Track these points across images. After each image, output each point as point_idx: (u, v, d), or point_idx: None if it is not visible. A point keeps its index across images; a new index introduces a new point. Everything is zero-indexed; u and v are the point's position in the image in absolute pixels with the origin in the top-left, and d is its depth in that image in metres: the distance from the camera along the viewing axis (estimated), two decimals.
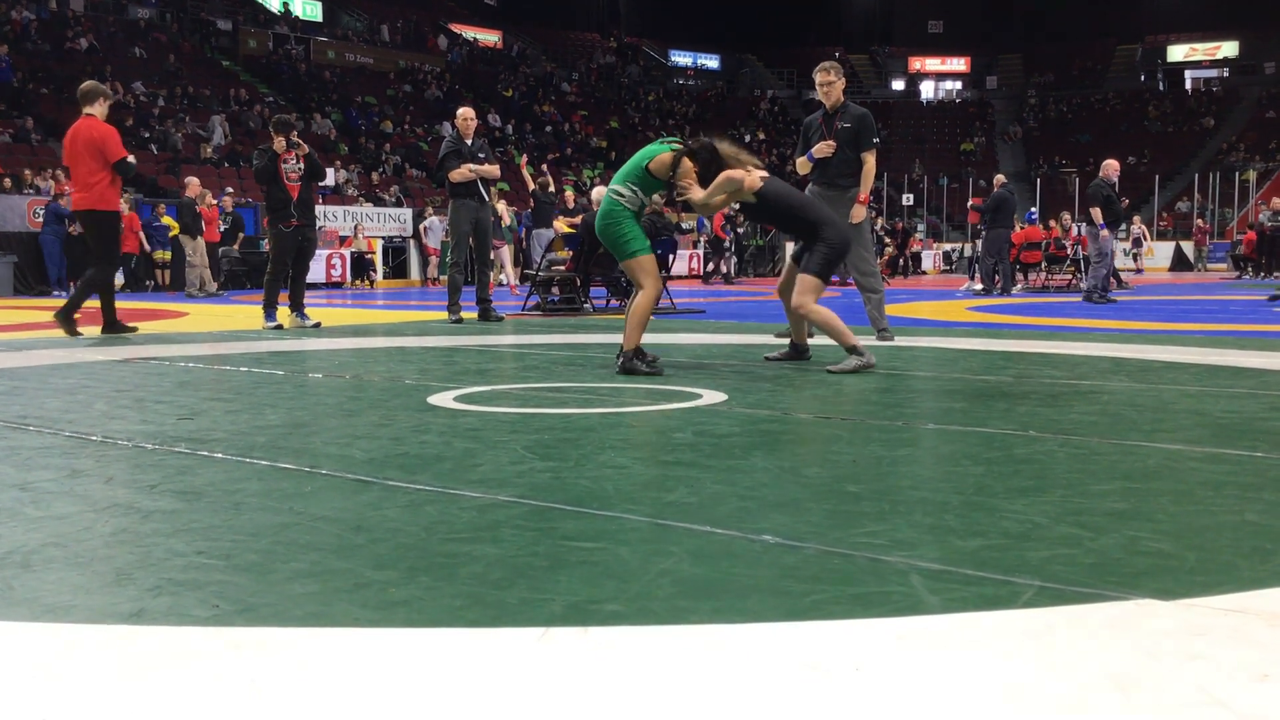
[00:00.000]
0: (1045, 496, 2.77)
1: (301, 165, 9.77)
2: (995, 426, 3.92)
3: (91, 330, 9.08)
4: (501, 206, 20.36)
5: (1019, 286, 18.85)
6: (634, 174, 5.89)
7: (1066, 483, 2.95)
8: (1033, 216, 21.39)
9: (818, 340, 7.09)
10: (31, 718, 1.49)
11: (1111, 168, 14.72)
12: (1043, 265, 20.06)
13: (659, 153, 5.87)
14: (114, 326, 9.10)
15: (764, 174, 6.07)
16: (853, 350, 5.82)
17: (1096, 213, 14.18)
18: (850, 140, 7.59)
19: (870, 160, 7.61)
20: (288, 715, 1.49)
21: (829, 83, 7.71)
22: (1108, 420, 4.06)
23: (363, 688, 1.57)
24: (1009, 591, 1.99)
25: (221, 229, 19.33)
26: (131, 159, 9.21)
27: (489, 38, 47.80)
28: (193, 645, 1.76)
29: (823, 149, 7.59)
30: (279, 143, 9.67)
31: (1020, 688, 1.56)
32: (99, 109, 8.98)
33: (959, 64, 57.51)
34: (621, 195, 5.86)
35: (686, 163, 5.85)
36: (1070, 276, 20.47)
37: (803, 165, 7.78)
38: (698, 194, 5.88)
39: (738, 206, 6.51)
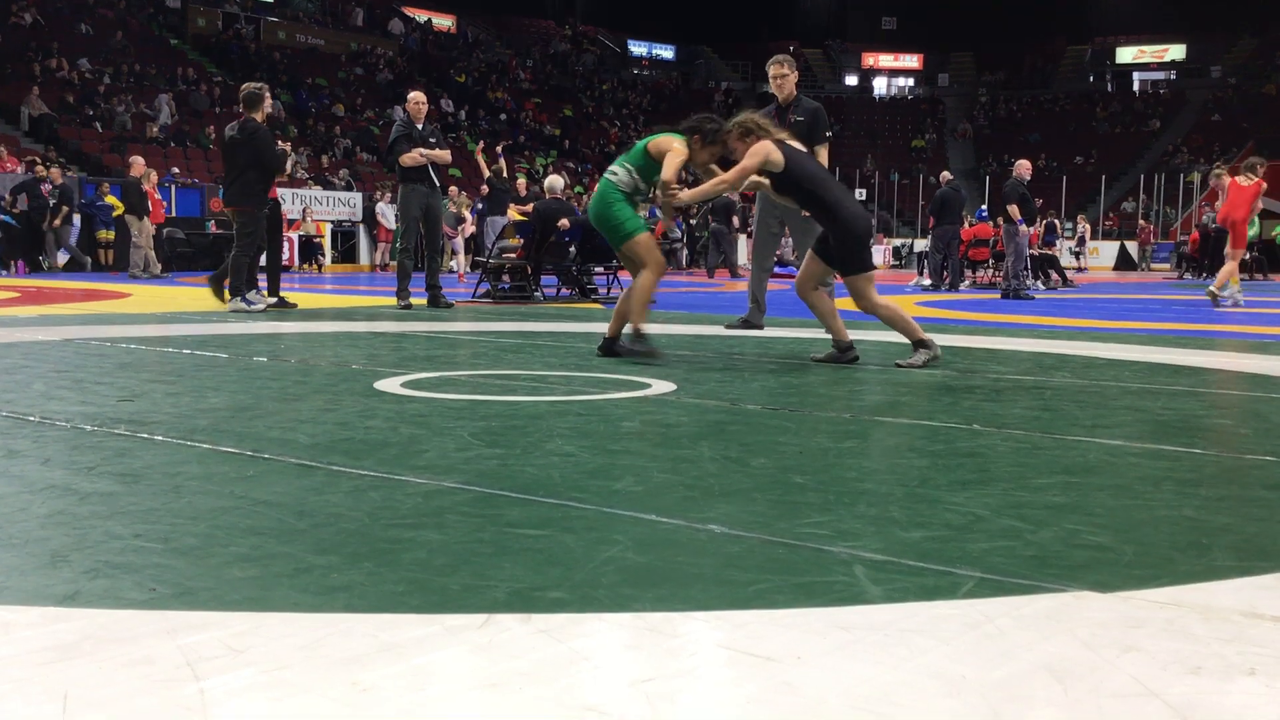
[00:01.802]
0: (987, 489, 2.80)
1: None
2: (940, 420, 3.95)
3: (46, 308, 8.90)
4: (459, 195, 20.24)
5: (966, 283, 19.03)
6: (634, 156, 5.84)
7: (1008, 476, 2.99)
8: (982, 214, 21.57)
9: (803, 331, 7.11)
10: None
11: (1024, 167, 15.42)
12: (990, 262, 20.26)
13: (662, 137, 5.76)
14: (281, 301, 10.00)
15: (793, 144, 5.77)
16: (921, 345, 5.66)
17: (1014, 210, 14.58)
18: (803, 134, 7.61)
19: (823, 154, 7.65)
20: (223, 697, 1.47)
21: (782, 75, 7.74)
22: (1050, 415, 4.11)
23: (300, 671, 1.56)
24: (950, 582, 2.01)
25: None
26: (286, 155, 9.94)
27: (443, 22, 47.43)
28: (128, 628, 1.73)
29: None
30: (263, 117, 9.61)
31: (960, 677, 1.57)
32: (260, 114, 9.53)
33: (912, 61, 57.89)
34: (615, 175, 5.79)
35: (678, 151, 5.62)
36: None
37: None
38: (722, 184, 5.60)
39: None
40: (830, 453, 3.32)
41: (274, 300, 9.96)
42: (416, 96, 10.57)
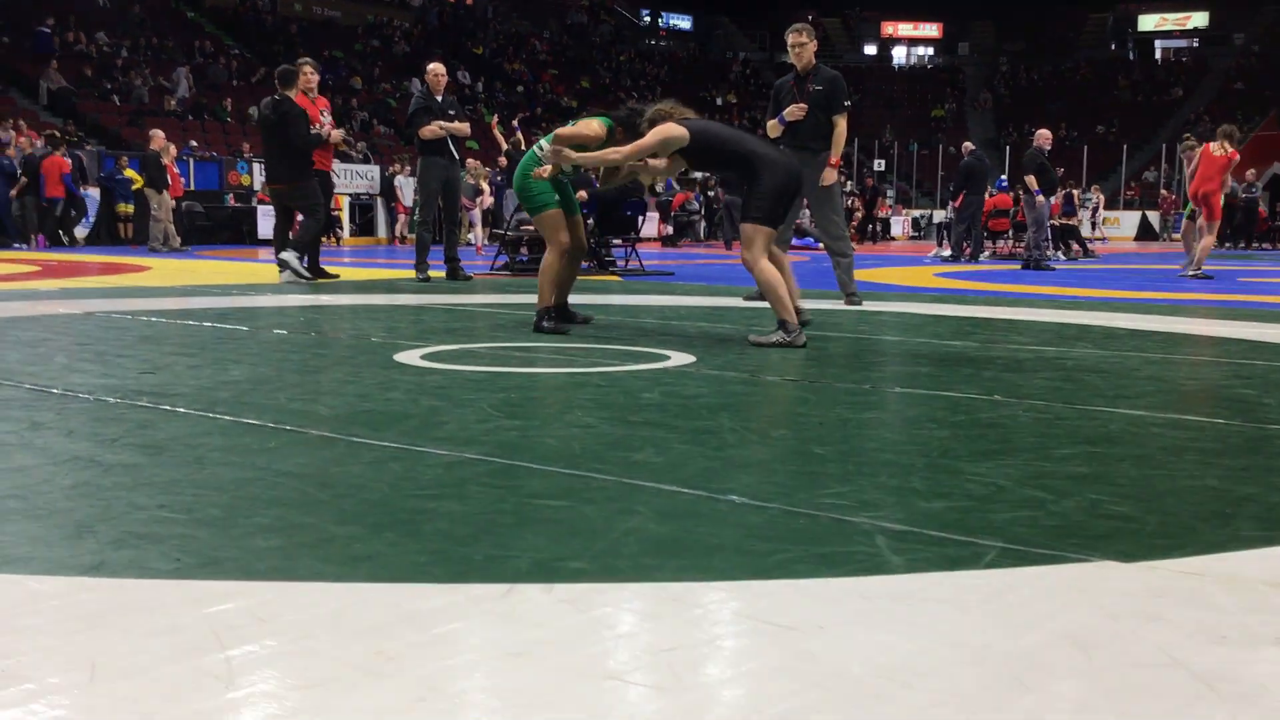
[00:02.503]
0: (1009, 460, 2.79)
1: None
2: (960, 391, 3.94)
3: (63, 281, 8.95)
4: (477, 166, 20.19)
5: (986, 254, 18.93)
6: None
7: (1030, 447, 2.98)
8: (1002, 184, 21.43)
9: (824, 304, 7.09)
10: None
11: (1043, 137, 15.04)
12: (1010, 232, 20.14)
13: (591, 118, 5.80)
14: (319, 272, 10.15)
15: (695, 119, 5.58)
16: (783, 325, 5.23)
17: (1031, 180, 14.39)
18: (822, 103, 7.57)
19: (841, 124, 7.60)
20: (249, 666, 1.48)
21: (800, 44, 7.68)
22: (1071, 386, 4.09)
23: (325, 641, 1.57)
24: (972, 552, 2.01)
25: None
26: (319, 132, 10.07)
27: None
28: (154, 597, 1.74)
29: (794, 112, 7.57)
30: (297, 93, 9.87)
31: (983, 646, 1.57)
32: (294, 90, 9.85)
33: (931, 29, 57.43)
34: (540, 149, 5.74)
35: (593, 129, 5.63)
36: None
37: (773, 128, 7.77)
38: (612, 154, 5.42)
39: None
40: (850, 424, 3.31)
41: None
42: (436, 68, 10.53)
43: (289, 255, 9.69)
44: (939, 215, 27.44)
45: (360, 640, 1.57)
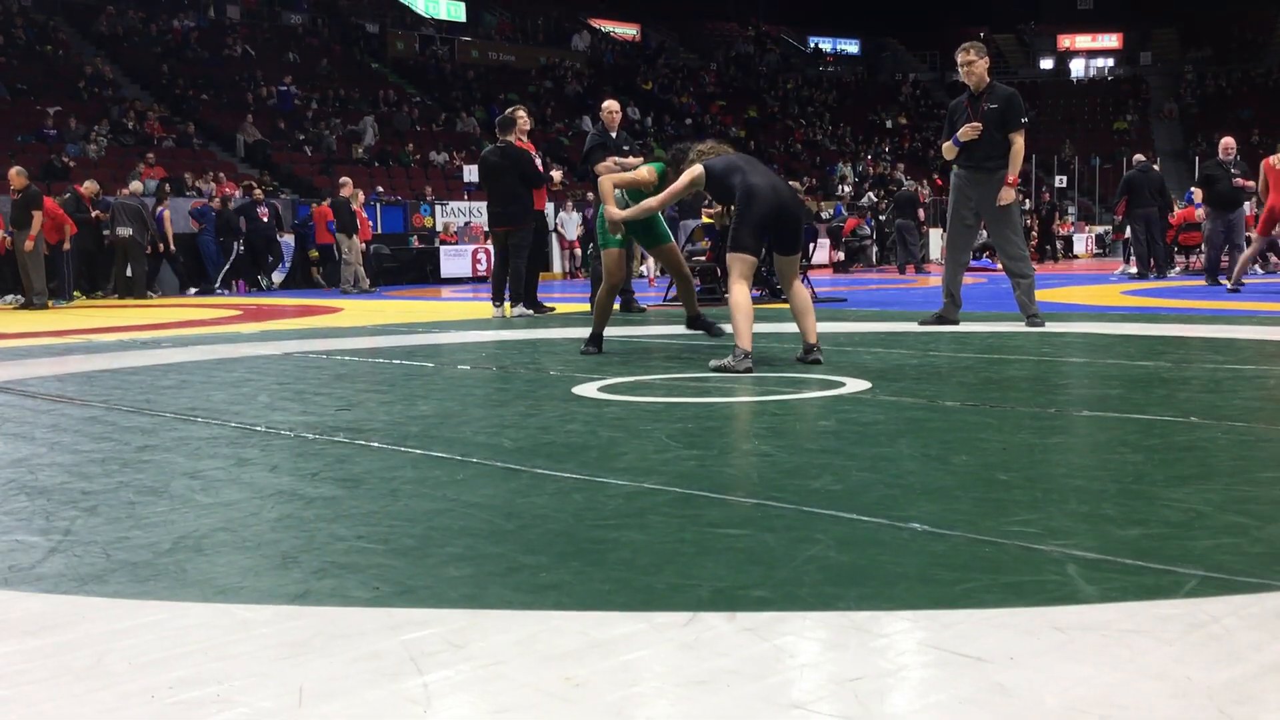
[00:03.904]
0: (1208, 484, 2.67)
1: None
2: (1154, 413, 3.79)
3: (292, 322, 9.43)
4: None
5: (1178, 269, 18.11)
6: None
7: (1231, 470, 2.84)
8: (1190, 197, 20.48)
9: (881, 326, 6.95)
10: (205, 695, 1.57)
11: (1225, 146, 13.77)
12: (1202, 247, 19.23)
13: (643, 166, 6.56)
14: (538, 307, 10.69)
15: (722, 155, 5.91)
16: (737, 350, 5.24)
17: (1197, 194, 13.57)
18: (997, 121, 7.42)
19: (1018, 141, 7.43)
20: (446, 690, 1.54)
21: (970, 62, 7.55)
22: (1274, 406, 3.89)
23: (516, 666, 1.62)
24: (1171, 581, 1.93)
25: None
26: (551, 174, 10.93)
27: (627, 31, 48.04)
28: (355, 624, 1.83)
29: (968, 132, 7.44)
30: (516, 136, 10.41)
31: (1185, 679, 1.51)
32: (514, 135, 10.35)
33: (1111, 40, 55.46)
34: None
35: (643, 176, 6.34)
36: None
37: (949, 150, 7.65)
38: (651, 204, 6.00)
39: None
40: (1036, 449, 3.22)
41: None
42: (610, 105, 10.73)
43: (519, 310, 10.29)
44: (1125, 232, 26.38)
45: (550, 666, 1.61)
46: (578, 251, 23.41)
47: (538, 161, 10.62)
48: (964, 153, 7.53)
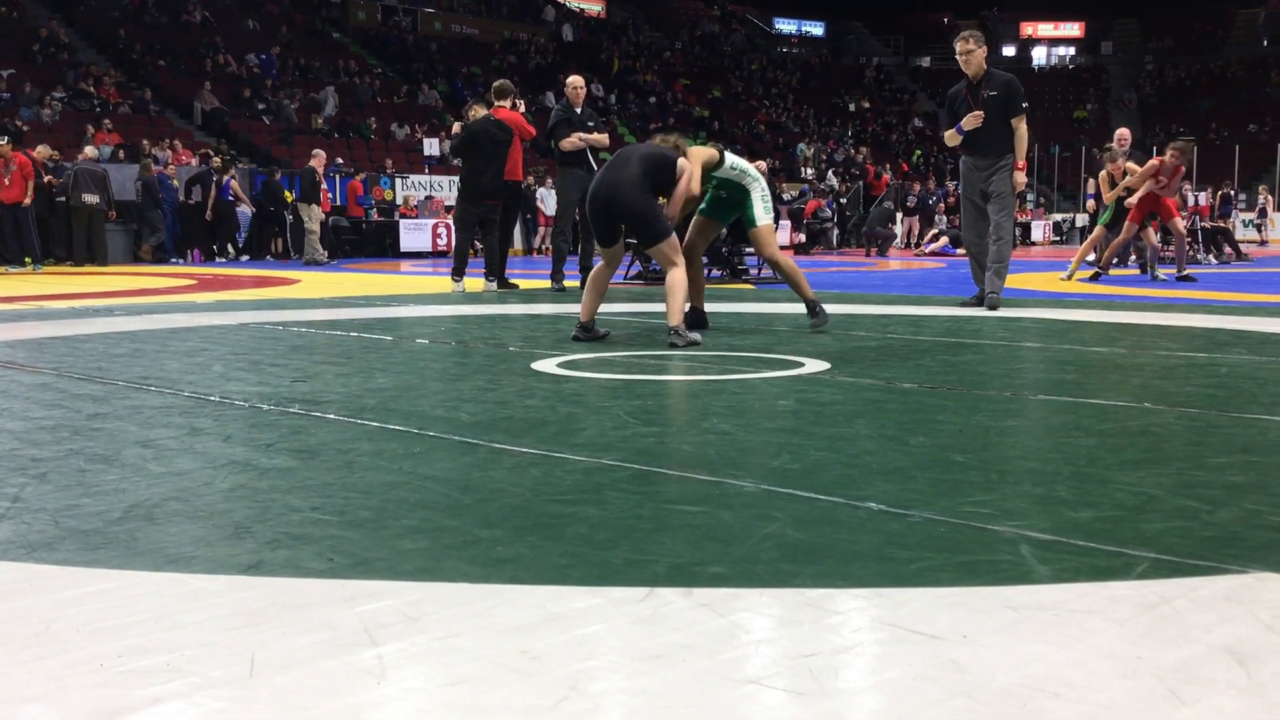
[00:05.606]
0: (1161, 469, 2.70)
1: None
2: (1107, 398, 3.83)
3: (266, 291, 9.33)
4: None
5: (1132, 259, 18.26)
6: None
7: (1183, 455, 2.88)
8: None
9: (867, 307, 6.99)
10: (155, 664, 1.55)
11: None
12: (1157, 236, 19.42)
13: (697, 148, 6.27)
14: (504, 283, 10.59)
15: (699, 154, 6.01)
16: (677, 329, 5.46)
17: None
18: (998, 108, 7.50)
19: (1021, 126, 7.55)
20: (401, 662, 1.53)
21: (968, 51, 7.62)
22: (1226, 393, 3.94)
23: (472, 639, 1.61)
24: (1123, 563, 1.95)
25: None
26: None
27: (593, 7, 47.76)
28: (309, 596, 1.81)
29: (971, 121, 7.51)
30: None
31: (1135, 659, 1.53)
32: (509, 100, 10.59)
33: (1073, 29, 55.82)
34: None
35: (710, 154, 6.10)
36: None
37: (951, 138, 7.74)
38: (695, 188, 5.88)
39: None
40: (992, 431, 3.25)
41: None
42: (575, 81, 10.65)
43: (493, 285, 10.31)
44: (1080, 219, 26.65)
45: (505, 639, 1.61)
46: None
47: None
48: (966, 141, 7.60)
